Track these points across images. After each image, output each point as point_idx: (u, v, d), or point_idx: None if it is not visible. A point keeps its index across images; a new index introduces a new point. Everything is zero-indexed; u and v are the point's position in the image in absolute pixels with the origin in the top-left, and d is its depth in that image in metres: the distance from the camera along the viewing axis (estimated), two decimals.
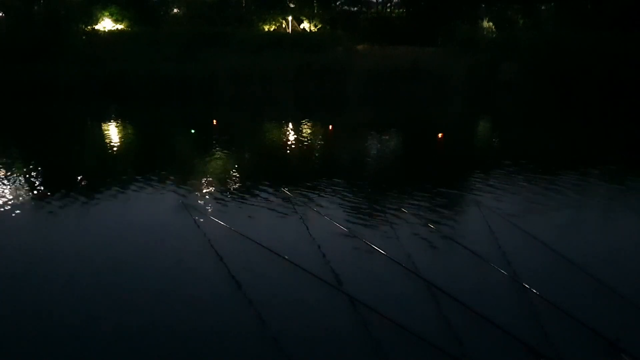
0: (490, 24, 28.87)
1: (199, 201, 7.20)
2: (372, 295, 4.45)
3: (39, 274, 4.94)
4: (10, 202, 7.04)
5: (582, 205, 7.25)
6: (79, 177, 8.64)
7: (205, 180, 8.53)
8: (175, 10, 32.62)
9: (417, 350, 3.71)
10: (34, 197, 7.41)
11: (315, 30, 33.08)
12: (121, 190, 7.76)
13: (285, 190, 7.48)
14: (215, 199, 7.38)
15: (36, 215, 6.75)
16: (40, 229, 6.26)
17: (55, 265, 5.14)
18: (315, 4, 35.52)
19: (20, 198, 7.29)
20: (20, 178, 8.37)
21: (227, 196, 7.52)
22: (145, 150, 11.78)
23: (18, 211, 6.72)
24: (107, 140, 12.60)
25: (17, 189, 7.76)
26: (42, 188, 7.92)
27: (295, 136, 13.17)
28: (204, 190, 7.83)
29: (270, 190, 7.68)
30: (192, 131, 13.69)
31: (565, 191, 7.69)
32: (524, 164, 9.45)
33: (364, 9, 38.84)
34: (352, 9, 38.56)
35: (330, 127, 14.83)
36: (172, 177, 8.61)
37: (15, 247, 5.62)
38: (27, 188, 7.82)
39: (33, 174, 8.71)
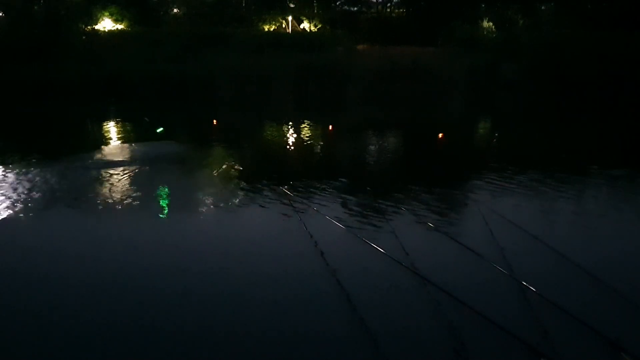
0: (490, 24, 28.86)
1: (196, 200, 7.20)
2: (372, 293, 4.45)
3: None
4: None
5: (582, 205, 7.25)
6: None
7: (205, 180, 8.54)
8: (175, 10, 32.62)
9: (418, 349, 3.72)
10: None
11: (315, 30, 33.08)
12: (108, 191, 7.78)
13: (285, 189, 7.48)
14: (214, 198, 7.38)
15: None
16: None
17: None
18: (315, 4, 35.56)
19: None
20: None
21: (226, 195, 7.52)
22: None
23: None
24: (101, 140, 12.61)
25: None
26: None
27: (296, 136, 13.17)
28: (203, 190, 7.83)
29: (270, 189, 7.68)
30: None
31: (566, 191, 7.70)
32: (524, 164, 9.45)
33: (364, 9, 38.88)
34: (352, 9, 38.62)
35: (330, 127, 14.83)
36: (172, 177, 8.61)
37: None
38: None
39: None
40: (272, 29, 32.07)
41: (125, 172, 8.81)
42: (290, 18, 32.88)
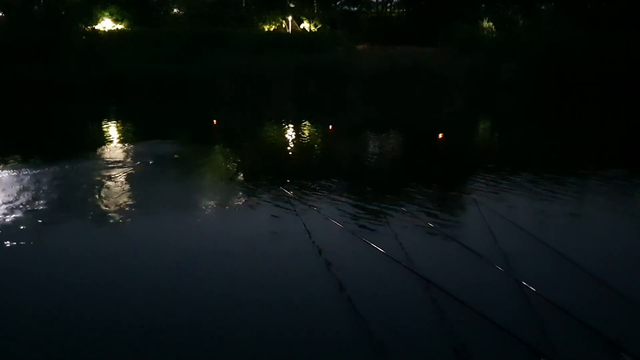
0: (490, 24, 28.85)
1: (196, 200, 7.20)
2: (371, 293, 4.45)
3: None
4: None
5: (582, 205, 7.25)
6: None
7: (205, 179, 8.54)
8: (175, 10, 32.62)
9: (418, 349, 3.72)
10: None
11: (315, 30, 33.07)
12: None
13: (285, 189, 7.48)
14: (214, 198, 7.39)
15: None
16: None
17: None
18: (315, 4, 35.55)
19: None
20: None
21: (225, 195, 7.53)
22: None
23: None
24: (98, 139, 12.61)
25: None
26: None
27: (296, 136, 13.17)
28: (203, 190, 7.84)
29: (270, 190, 7.68)
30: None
31: (565, 191, 7.69)
32: (524, 164, 9.45)
33: (364, 9, 38.87)
34: (352, 9, 38.61)
35: (330, 127, 14.83)
36: (172, 177, 8.61)
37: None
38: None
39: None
40: (272, 29, 32.07)
41: (126, 172, 8.81)
42: (290, 18, 32.87)
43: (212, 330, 3.96)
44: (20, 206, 6.82)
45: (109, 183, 8.11)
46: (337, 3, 38.34)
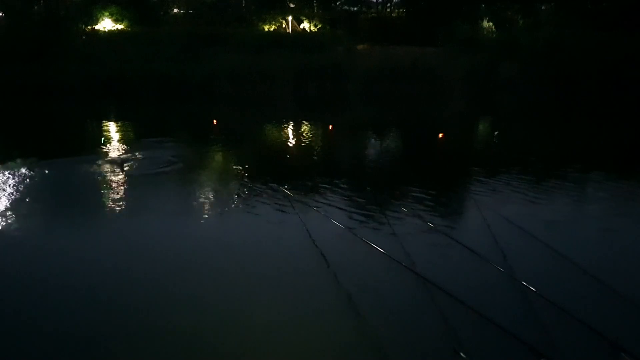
0: (490, 24, 28.85)
1: (196, 201, 7.21)
2: (372, 293, 4.45)
3: None
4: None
5: (582, 205, 7.25)
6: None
7: (205, 180, 8.54)
8: (175, 10, 32.63)
9: (418, 348, 3.72)
10: None
11: (315, 30, 33.06)
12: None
13: (285, 189, 7.48)
14: (214, 198, 7.39)
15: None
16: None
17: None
18: (315, 4, 35.53)
19: None
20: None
21: (226, 195, 7.53)
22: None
23: None
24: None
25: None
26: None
27: (296, 136, 13.17)
28: (203, 190, 7.84)
29: (271, 189, 7.68)
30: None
31: (565, 191, 7.70)
32: (523, 164, 9.45)
33: (364, 9, 38.85)
34: (352, 9, 38.56)
35: (330, 127, 14.83)
36: (172, 177, 8.62)
37: None
38: None
39: None
40: (272, 29, 32.06)
41: (125, 172, 8.81)
42: (290, 18, 32.86)
43: (212, 329, 3.96)
44: (18, 206, 6.82)
45: (108, 183, 8.11)
46: (337, 3, 38.28)
